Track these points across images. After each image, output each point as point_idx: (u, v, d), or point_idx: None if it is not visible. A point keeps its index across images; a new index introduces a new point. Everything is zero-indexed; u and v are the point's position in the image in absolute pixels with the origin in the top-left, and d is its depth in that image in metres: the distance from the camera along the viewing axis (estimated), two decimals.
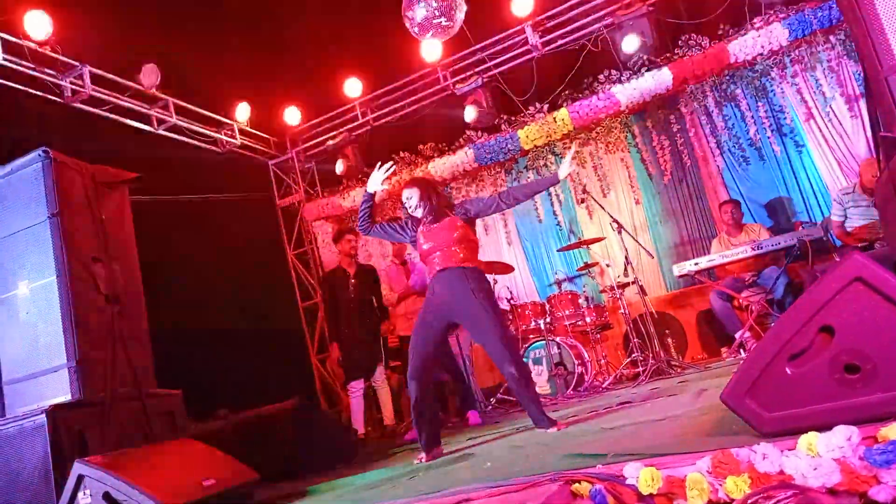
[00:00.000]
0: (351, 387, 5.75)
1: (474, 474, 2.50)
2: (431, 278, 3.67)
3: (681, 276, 5.43)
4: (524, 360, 5.74)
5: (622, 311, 5.89)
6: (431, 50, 7.65)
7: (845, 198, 5.59)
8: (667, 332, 6.00)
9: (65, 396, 3.54)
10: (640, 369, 5.53)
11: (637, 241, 6.53)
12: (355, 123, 8.71)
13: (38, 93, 6.07)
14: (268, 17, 7.31)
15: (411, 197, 3.78)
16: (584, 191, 6.54)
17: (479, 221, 8.10)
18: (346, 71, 8.39)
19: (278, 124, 8.92)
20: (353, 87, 8.47)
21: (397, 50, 7.73)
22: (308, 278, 9.02)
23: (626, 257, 5.91)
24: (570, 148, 7.55)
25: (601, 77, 7.35)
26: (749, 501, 1.49)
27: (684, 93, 7.12)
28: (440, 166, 8.07)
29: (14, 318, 3.89)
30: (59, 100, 6.27)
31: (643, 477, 1.69)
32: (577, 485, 1.82)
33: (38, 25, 5.76)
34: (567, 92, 7.54)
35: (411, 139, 8.47)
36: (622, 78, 7.20)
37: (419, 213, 3.75)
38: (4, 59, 5.62)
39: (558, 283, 6.38)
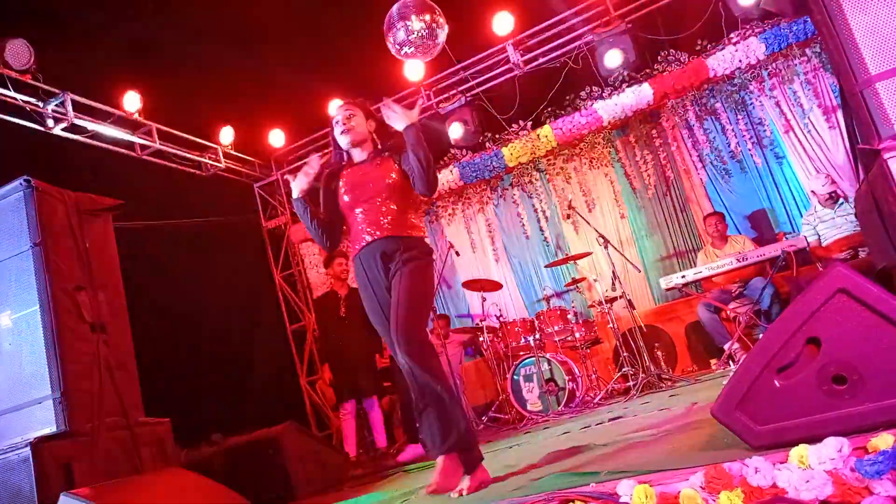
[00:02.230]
0: (343, 408, 5.71)
1: (468, 497, 2.48)
2: (357, 251, 2.87)
3: (668, 289, 5.45)
4: (514, 375, 5.73)
5: (611, 325, 5.91)
6: (414, 70, 7.70)
7: (810, 219, 5.70)
8: (656, 345, 6.02)
9: (50, 428, 3.48)
10: (631, 383, 5.53)
11: (623, 255, 6.57)
12: None
13: (20, 121, 6.03)
14: (249, 40, 7.33)
15: (351, 116, 2.91)
16: (570, 206, 6.58)
17: (465, 238, 8.29)
18: (330, 92, 8.41)
19: (262, 147, 8.91)
20: (335, 106, 8.48)
21: (380, 71, 7.76)
22: (296, 301, 8.97)
23: (613, 272, 5.93)
24: (553, 165, 7.66)
25: (583, 94, 7.44)
26: None
27: (665, 107, 7.21)
28: None
29: None
30: (41, 128, 6.23)
31: (637, 494, 1.68)
32: None
33: (18, 54, 5.73)
34: (550, 109, 7.61)
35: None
36: (603, 94, 7.29)
37: (345, 141, 2.90)
38: None
39: (547, 299, 6.39)
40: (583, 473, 2.17)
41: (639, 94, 7.05)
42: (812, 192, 5.86)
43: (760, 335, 5.36)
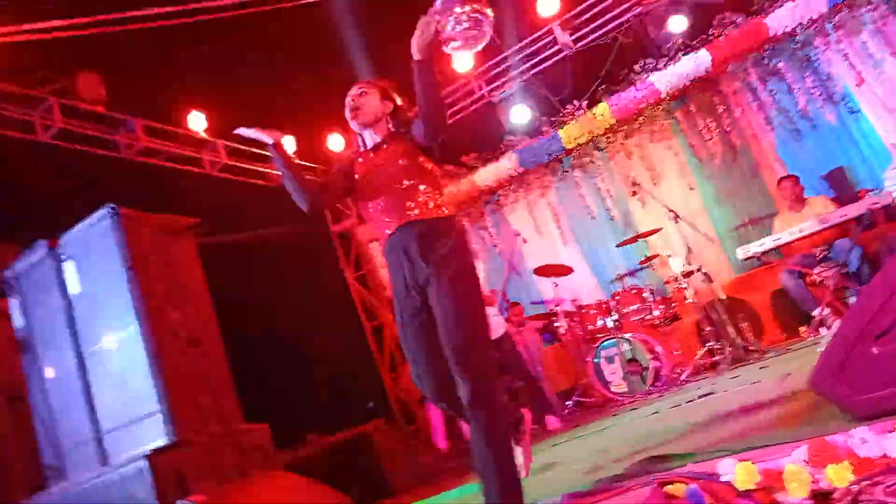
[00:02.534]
0: (429, 402, 5.81)
1: (562, 483, 2.51)
2: (383, 246, 2.50)
3: (746, 259, 5.29)
4: (595, 358, 5.69)
5: (690, 300, 5.79)
6: (463, 61, 7.70)
7: (893, 173, 5.40)
8: (740, 316, 5.84)
9: (161, 440, 3.71)
10: (718, 358, 5.41)
11: (696, 227, 6.42)
12: None
13: (97, 150, 6.36)
14: (304, 50, 7.49)
15: (365, 93, 2.59)
16: (635, 183, 6.46)
17: (530, 224, 8.26)
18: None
19: (322, 152, 9.11)
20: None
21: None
22: (371, 299, 9.15)
23: (686, 246, 5.81)
24: (613, 143, 7.53)
25: (637, 67, 7.26)
26: (856, 489, 1.46)
27: (725, 73, 6.97)
28: (485, 175, 8.11)
29: (104, 370, 4.10)
30: (116, 154, 6.56)
31: (739, 473, 1.67)
32: (671, 486, 1.81)
33: (91, 87, 6.05)
34: (604, 86, 7.48)
35: (455, 152, 8.52)
36: (658, 65, 7.10)
37: (354, 123, 2.59)
38: (65, 123, 5.93)
39: (620, 279, 6.31)
40: (679, 455, 2.16)
41: (696, 62, 6.84)
42: (893, 144, 5.57)
43: (852, 299, 5.15)
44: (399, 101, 2.65)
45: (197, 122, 7.14)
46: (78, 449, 4.12)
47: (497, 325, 5.66)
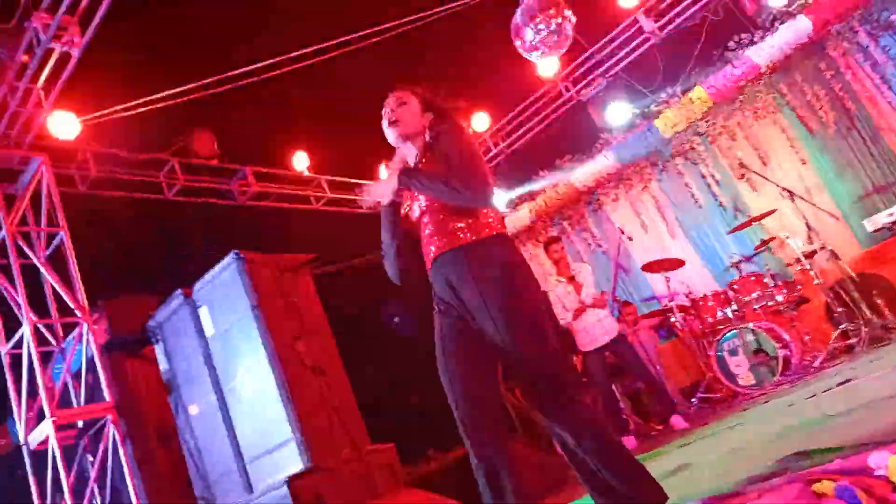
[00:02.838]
0: None
1: (698, 486, 2.43)
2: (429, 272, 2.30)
3: (876, 231, 4.92)
4: (717, 352, 5.46)
5: (816, 281, 5.44)
6: (548, 65, 7.68)
7: None
8: (874, 293, 5.41)
9: (297, 466, 3.92)
10: (854, 340, 5.05)
11: (814, 204, 6.03)
12: (490, 155, 8.90)
13: (217, 201, 6.86)
14: (388, 77, 7.72)
15: (401, 104, 2.36)
16: (742, 164, 6.16)
17: (634, 220, 8.04)
18: (471, 106, 8.63)
19: None
20: (480, 121, 8.68)
21: (514, 75, 7.84)
22: None
23: (806, 224, 5.47)
24: (713, 126, 7.22)
25: (731, 44, 6.95)
26: None
27: (829, 35, 6.53)
28: (582, 175, 8.01)
29: (241, 404, 4.39)
30: (233, 202, 7.05)
31: (894, 465, 1.57)
32: (818, 484, 1.73)
33: (204, 143, 6.54)
34: (697, 69, 7.21)
35: (547, 156, 8.49)
36: (755, 39, 6.76)
37: (391, 136, 2.36)
38: (186, 181, 6.45)
39: (736, 267, 6.01)
40: (823, 450, 2.05)
41: (796, 29, 6.46)
42: None
43: None
44: (442, 107, 2.38)
45: (301, 161, 7.53)
46: (225, 479, 4.43)
47: (610, 326, 5.56)
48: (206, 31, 5.49)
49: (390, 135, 2.36)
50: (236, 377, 4.42)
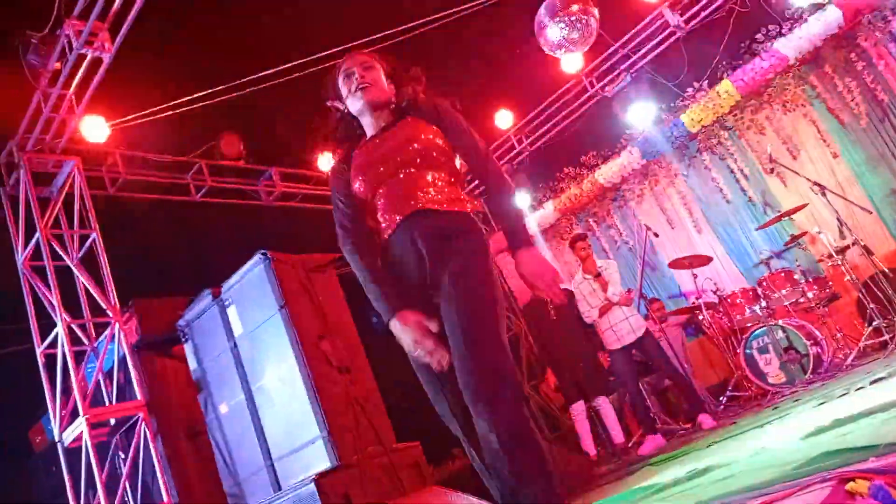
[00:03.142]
0: (573, 409, 5.76)
1: (728, 486, 2.40)
2: (383, 242, 2.04)
3: None
4: (746, 349, 5.38)
5: (848, 277, 5.33)
6: (572, 61, 7.62)
7: None
8: None
9: (325, 464, 3.95)
10: (887, 337, 4.94)
11: (846, 198, 5.92)
12: (514, 153, 8.87)
13: (244, 202, 6.95)
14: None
15: (371, 68, 2.11)
16: (771, 159, 6.05)
17: (660, 216, 7.95)
18: (494, 104, 8.61)
19: None
20: (504, 119, 8.66)
21: (537, 71, 7.80)
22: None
23: (838, 218, 5.37)
24: (741, 120, 7.11)
25: (759, 36, 6.84)
26: None
27: (861, 25, 6.39)
28: (608, 172, 7.94)
29: (269, 403, 4.43)
30: (259, 202, 7.13)
31: None
32: (852, 483, 1.69)
33: (231, 145, 6.62)
34: (724, 62, 7.10)
35: (572, 153, 8.44)
36: (783, 30, 6.64)
37: (360, 101, 2.07)
38: (213, 182, 6.54)
39: (766, 263, 5.93)
40: (857, 448, 2.01)
41: (825, 21, 6.33)
42: None
43: None
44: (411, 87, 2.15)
45: (326, 162, 7.59)
46: (253, 477, 4.48)
47: (637, 324, 5.52)
48: (233, 35, 5.55)
49: (355, 104, 2.09)
50: (264, 376, 4.46)
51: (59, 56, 4.72)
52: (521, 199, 8.74)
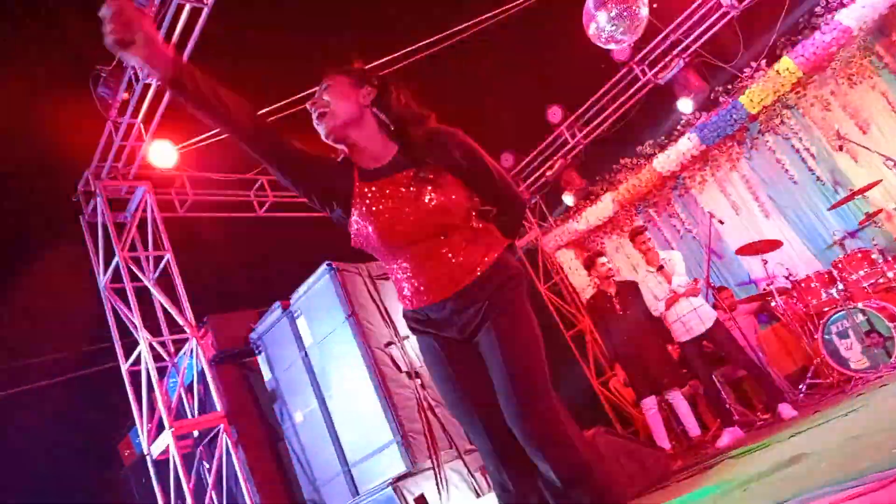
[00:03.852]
0: (644, 404, 5.66)
1: (815, 478, 2.33)
2: (407, 308, 1.97)
3: None
4: (825, 335, 5.18)
5: None
6: (621, 49, 7.50)
7: None
8: None
9: (399, 468, 4.02)
10: None
11: None
12: (567, 147, 8.79)
13: (305, 214, 7.10)
14: (462, 77, 7.76)
15: (329, 87, 1.93)
16: (839, 135, 5.81)
17: (724, 202, 7.74)
18: (548, 99, 8.57)
19: None
20: (554, 113, 8.60)
21: (587, 61, 7.71)
22: (566, 307, 9.14)
23: None
24: (804, 98, 6.85)
25: (818, 9, 6.57)
26: None
27: None
28: (665, 161, 7.78)
29: (343, 409, 4.54)
30: (321, 214, 7.28)
31: None
32: None
33: None
34: (783, 39, 6.86)
35: (627, 143, 8.31)
36: (844, 1, 6.37)
37: (323, 132, 1.91)
38: (275, 197, 6.73)
39: (840, 244, 5.69)
40: None
41: None
42: None
43: None
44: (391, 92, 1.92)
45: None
46: (332, 482, 4.59)
47: (706, 314, 5.38)
48: (288, 51, 5.71)
49: (322, 133, 1.92)
50: (336, 383, 4.57)
51: (126, 87, 4.96)
52: (567, 198, 8.68)
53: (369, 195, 1.85)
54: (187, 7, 4.48)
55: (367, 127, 1.89)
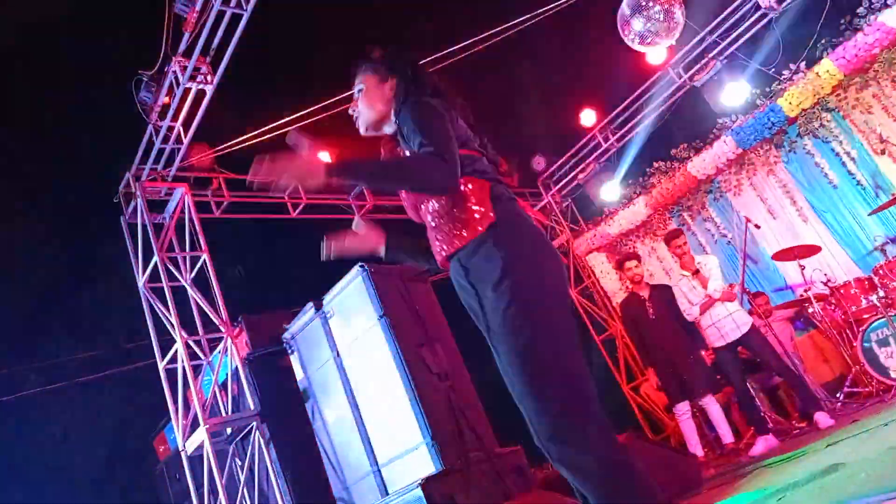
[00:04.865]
0: (676, 409, 5.60)
1: (853, 488, 2.29)
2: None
3: None
4: (864, 342, 5.07)
5: None
6: (657, 52, 7.43)
7: None
8: None
9: (430, 469, 4.04)
10: None
11: None
12: (600, 150, 8.74)
13: (338, 216, 7.21)
14: (497, 80, 7.75)
15: (360, 89, 2.10)
16: (882, 138, 5.68)
17: (760, 207, 7.60)
18: (581, 102, 8.53)
19: (527, 174, 9.34)
20: (588, 117, 8.56)
21: (622, 65, 7.66)
22: (597, 312, 9.08)
23: None
24: (845, 100, 6.70)
25: (860, 10, 6.43)
26: None
27: None
28: (700, 164, 7.68)
29: (373, 409, 4.57)
30: (353, 216, 7.37)
31: None
32: None
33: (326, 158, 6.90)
34: (823, 41, 6.72)
35: (661, 146, 8.23)
36: (888, 1, 6.22)
37: (362, 130, 2.15)
38: (309, 199, 6.82)
39: (882, 249, 5.56)
40: None
41: None
42: None
43: None
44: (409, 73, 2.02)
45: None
46: (361, 482, 4.63)
47: (741, 320, 5.30)
48: (321, 57, 5.79)
49: (360, 131, 2.12)
50: (367, 384, 4.61)
51: (167, 91, 5.08)
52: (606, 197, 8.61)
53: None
54: (228, 13, 4.58)
55: (386, 117, 2.07)
